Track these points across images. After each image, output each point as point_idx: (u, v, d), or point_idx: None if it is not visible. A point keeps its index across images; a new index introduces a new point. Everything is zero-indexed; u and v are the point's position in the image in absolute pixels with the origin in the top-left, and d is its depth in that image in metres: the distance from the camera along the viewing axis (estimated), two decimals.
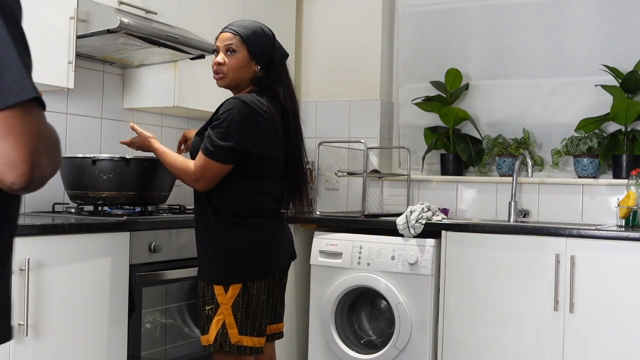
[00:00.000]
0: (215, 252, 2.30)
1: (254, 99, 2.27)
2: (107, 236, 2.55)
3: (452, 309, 3.25)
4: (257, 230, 2.31)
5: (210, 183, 2.25)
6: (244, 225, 2.29)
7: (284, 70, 2.42)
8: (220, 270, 2.28)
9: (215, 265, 2.30)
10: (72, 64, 2.74)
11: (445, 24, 4.12)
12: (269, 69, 2.37)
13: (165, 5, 3.24)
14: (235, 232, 2.28)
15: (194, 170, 2.25)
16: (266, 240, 2.33)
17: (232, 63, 2.34)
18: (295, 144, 2.40)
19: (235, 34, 2.34)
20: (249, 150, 2.24)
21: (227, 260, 2.28)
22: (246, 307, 2.26)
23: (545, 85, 3.86)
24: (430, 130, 4.08)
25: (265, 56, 2.35)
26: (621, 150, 3.55)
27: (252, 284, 2.27)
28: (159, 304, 2.84)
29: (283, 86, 2.38)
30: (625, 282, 2.94)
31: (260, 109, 2.26)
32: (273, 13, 3.97)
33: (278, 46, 2.41)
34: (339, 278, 3.47)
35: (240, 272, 2.27)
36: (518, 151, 3.78)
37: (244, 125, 2.22)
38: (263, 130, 2.27)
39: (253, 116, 2.24)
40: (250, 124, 2.23)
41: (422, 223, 3.30)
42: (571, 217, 3.64)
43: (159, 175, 2.91)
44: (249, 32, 2.34)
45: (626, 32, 3.68)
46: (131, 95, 3.47)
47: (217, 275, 2.28)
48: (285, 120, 2.37)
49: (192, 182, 2.27)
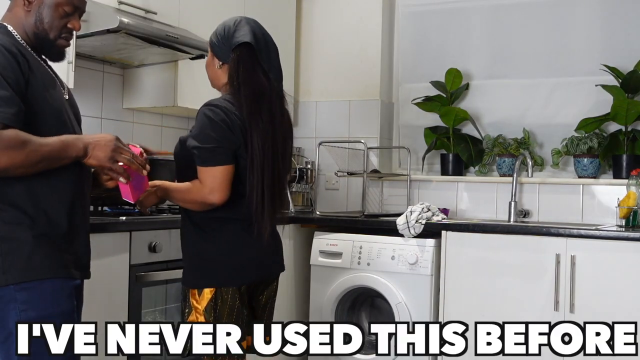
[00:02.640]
0: (191, 256, 2.25)
1: (214, 100, 2.21)
2: (107, 236, 2.55)
3: (452, 309, 3.25)
4: (239, 236, 2.22)
5: (224, 191, 2.15)
6: (221, 228, 2.21)
7: (240, 61, 2.22)
8: (195, 274, 2.22)
9: (191, 269, 2.24)
10: (72, 64, 2.74)
11: (445, 24, 4.11)
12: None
13: (165, 5, 3.24)
14: (211, 235, 2.22)
15: (203, 185, 2.15)
16: (242, 246, 2.23)
17: (205, 64, 2.36)
18: (258, 142, 2.19)
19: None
20: (233, 144, 2.15)
21: (202, 264, 2.22)
22: (219, 313, 2.18)
23: (545, 85, 3.86)
24: (430, 130, 4.08)
25: (220, 49, 2.26)
26: (621, 150, 3.55)
27: (227, 289, 2.19)
28: (159, 304, 2.84)
29: (238, 79, 2.21)
30: (626, 282, 2.94)
31: (219, 108, 2.16)
32: (273, 13, 3.96)
33: (240, 34, 2.24)
34: (339, 278, 3.47)
35: (213, 277, 2.20)
36: (518, 151, 3.78)
37: (212, 124, 2.14)
38: (232, 128, 2.16)
39: (217, 114, 2.15)
40: (219, 122, 2.15)
41: (422, 223, 3.30)
42: (571, 217, 3.64)
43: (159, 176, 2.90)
44: (214, 31, 2.31)
45: (626, 32, 3.68)
46: (131, 95, 3.47)
47: (192, 279, 2.23)
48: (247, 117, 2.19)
49: (205, 196, 2.14)
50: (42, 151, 1.73)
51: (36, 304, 1.76)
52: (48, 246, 1.79)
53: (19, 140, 1.69)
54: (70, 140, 1.80)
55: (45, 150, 1.74)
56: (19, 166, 1.71)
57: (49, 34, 1.88)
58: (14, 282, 1.74)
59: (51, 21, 1.88)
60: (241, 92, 2.19)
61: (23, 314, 1.74)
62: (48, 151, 1.74)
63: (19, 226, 1.76)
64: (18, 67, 1.75)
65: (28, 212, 1.77)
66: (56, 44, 1.91)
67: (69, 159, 1.79)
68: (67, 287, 1.83)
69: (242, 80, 2.20)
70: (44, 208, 1.80)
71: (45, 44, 1.90)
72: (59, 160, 1.78)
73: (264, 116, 2.20)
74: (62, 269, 1.82)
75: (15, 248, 1.75)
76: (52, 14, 1.88)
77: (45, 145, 1.74)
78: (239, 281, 2.21)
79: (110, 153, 1.84)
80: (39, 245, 1.78)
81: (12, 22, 1.89)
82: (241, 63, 2.21)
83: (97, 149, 1.82)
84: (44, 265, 1.78)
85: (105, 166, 1.85)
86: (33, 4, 1.87)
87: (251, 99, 2.18)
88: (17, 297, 1.74)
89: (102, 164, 1.84)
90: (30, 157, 1.71)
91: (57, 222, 1.82)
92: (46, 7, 1.87)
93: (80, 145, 1.81)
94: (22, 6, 1.87)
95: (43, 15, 1.87)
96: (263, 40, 2.27)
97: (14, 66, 1.74)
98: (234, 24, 2.26)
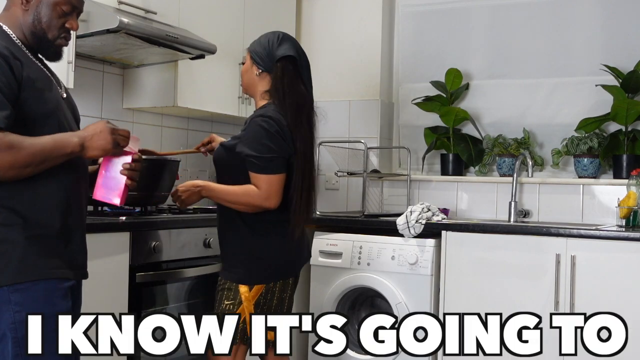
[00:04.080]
0: (241, 253, 2.45)
1: (267, 111, 2.42)
2: (107, 236, 2.54)
3: (452, 309, 3.25)
4: (284, 233, 2.46)
5: (278, 197, 2.40)
6: (272, 229, 2.45)
7: (284, 72, 2.46)
8: (246, 270, 2.43)
9: (241, 266, 2.44)
10: (71, 64, 2.74)
11: (445, 24, 4.11)
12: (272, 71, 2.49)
13: (165, 5, 3.24)
14: (263, 235, 2.44)
15: (260, 191, 2.36)
16: (287, 243, 2.48)
17: (242, 70, 2.60)
18: (301, 148, 2.45)
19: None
20: (287, 153, 2.40)
21: (253, 261, 2.43)
22: (267, 306, 2.43)
23: (545, 85, 3.86)
24: (430, 130, 4.08)
25: (262, 59, 2.49)
26: (621, 150, 3.55)
27: (275, 284, 2.45)
28: (159, 304, 2.84)
29: (284, 89, 2.45)
30: (626, 282, 2.94)
31: (273, 119, 2.39)
32: (273, 13, 3.96)
33: (284, 48, 2.48)
34: (339, 278, 3.47)
35: (266, 272, 2.44)
36: (518, 151, 3.78)
37: (269, 135, 2.37)
38: (285, 138, 2.41)
39: (272, 126, 2.39)
40: (274, 134, 2.38)
41: (422, 223, 3.30)
42: (571, 217, 3.63)
43: (159, 176, 2.91)
44: (255, 40, 2.56)
45: (626, 32, 3.68)
46: (131, 95, 3.47)
47: (243, 276, 2.42)
48: (292, 125, 2.44)
49: (263, 201, 2.37)
50: (32, 151, 1.72)
51: (30, 305, 1.76)
52: (41, 247, 1.79)
53: (5, 142, 1.68)
54: (63, 137, 1.80)
55: (36, 149, 1.72)
56: (9, 167, 1.70)
57: (47, 33, 1.88)
58: (7, 283, 1.74)
59: (49, 20, 1.87)
60: (286, 101, 2.43)
61: (17, 315, 1.74)
62: (39, 150, 1.73)
63: (11, 227, 1.76)
64: (10, 71, 1.74)
65: (20, 213, 1.77)
66: (54, 44, 1.90)
67: (64, 156, 1.78)
68: (62, 288, 1.83)
69: (287, 91, 2.44)
70: (37, 209, 1.79)
71: (43, 43, 1.89)
72: (53, 158, 1.76)
73: (305, 124, 2.47)
74: (56, 270, 1.81)
75: (8, 249, 1.75)
76: (50, 13, 1.87)
77: (36, 144, 1.73)
78: (287, 274, 2.49)
79: (111, 137, 1.84)
80: (32, 247, 1.77)
81: (8, 21, 1.88)
82: (286, 74, 2.46)
83: (95, 139, 1.82)
84: (38, 267, 1.78)
85: (111, 152, 1.85)
86: (31, 3, 1.86)
87: (295, 108, 2.44)
88: (11, 299, 1.74)
89: (108, 152, 1.84)
90: (19, 158, 1.70)
91: (51, 222, 1.82)
92: (44, 6, 1.87)
93: (75, 140, 1.79)
94: (20, 5, 1.87)
95: (41, 15, 1.87)
96: (303, 55, 2.53)
97: (5, 70, 1.73)
98: (278, 38, 2.50)
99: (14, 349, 1.74)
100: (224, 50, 3.48)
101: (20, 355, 1.74)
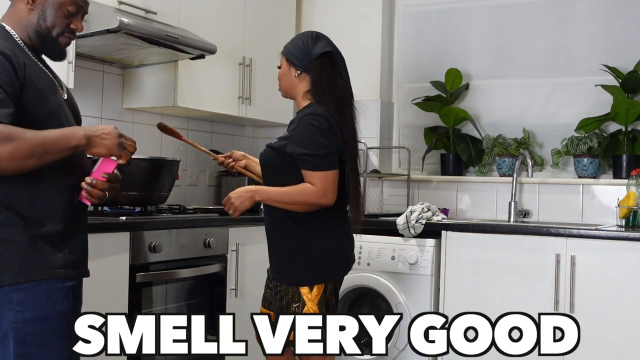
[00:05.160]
0: (296, 254, 2.43)
1: (314, 109, 2.41)
2: (107, 236, 2.55)
3: (452, 309, 3.25)
4: (339, 232, 2.48)
5: (335, 193, 2.38)
6: (325, 227, 2.44)
7: (323, 70, 2.46)
8: (304, 272, 2.42)
9: (297, 268, 2.43)
10: (72, 64, 2.74)
11: (445, 24, 4.12)
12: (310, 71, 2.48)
13: (165, 5, 3.24)
14: (317, 235, 2.43)
15: (316, 188, 2.34)
16: (341, 239, 2.50)
17: (279, 74, 2.55)
18: (350, 141, 2.45)
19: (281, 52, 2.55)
20: (339, 149, 2.39)
21: (310, 262, 2.42)
22: (327, 303, 2.44)
23: (545, 85, 3.86)
24: (430, 130, 4.08)
25: (299, 60, 2.47)
26: (621, 150, 3.55)
27: (332, 282, 2.47)
28: (159, 304, 2.84)
29: (325, 85, 2.44)
30: (625, 282, 2.94)
31: (322, 117, 2.39)
32: (273, 13, 3.97)
33: (320, 45, 2.47)
34: None
35: (324, 272, 2.44)
36: (518, 151, 3.78)
37: (321, 132, 2.36)
38: (336, 134, 2.40)
39: (323, 123, 2.38)
40: (326, 130, 2.37)
41: (422, 223, 3.30)
42: (571, 217, 3.64)
43: (159, 176, 2.91)
44: (288, 43, 2.54)
45: (626, 32, 3.68)
46: (131, 95, 3.47)
47: (303, 279, 2.41)
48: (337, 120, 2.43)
49: (320, 198, 2.35)
50: (33, 142, 1.70)
51: (32, 305, 1.76)
52: (43, 247, 1.79)
53: (5, 133, 1.67)
54: (68, 130, 1.80)
55: (38, 140, 1.71)
56: (9, 158, 1.67)
57: (52, 32, 1.88)
58: (9, 283, 1.74)
59: (54, 20, 1.88)
60: (327, 96, 2.43)
61: (19, 315, 1.74)
62: (41, 142, 1.71)
63: (13, 227, 1.76)
64: (13, 71, 1.74)
65: (22, 212, 1.77)
66: (58, 41, 1.90)
67: (69, 149, 1.77)
68: (63, 288, 1.83)
69: (327, 86, 2.44)
70: (39, 208, 1.79)
71: (47, 42, 1.89)
72: (56, 151, 1.75)
73: (349, 117, 2.47)
74: (57, 270, 1.81)
75: (9, 249, 1.75)
76: (56, 12, 1.87)
77: (37, 136, 1.72)
78: (342, 273, 2.52)
79: (118, 140, 1.85)
80: (33, 246, 1.78)
81: (13, 20, 1.88)
82: (324, 70, 2.46)
83: (103, 137, 1.82)
84: (39, 266, 1.78)
85: (115, 154, 1.85)
86: (37, 3, 1.86)
87: (337, 102, 2.44)
88: (13, 298, 1.74)
89: (112, 152, 1.85)
90: (19, 148, 1.68)
91: (52, 222, 1.82)
92: (50, 6, 1.87)
93: (81, 134, 1.79)
94: (26, 4, 1.87)
95: (46, 14, 1.87)
96: (338, 51, 2.53)
97: (8, 69, 1.73)
98: (312, 37, 2.49)
99: (16, 349, 1.75)
100: (224, 50, 3.48)
101: (21, 355, 1.74)
